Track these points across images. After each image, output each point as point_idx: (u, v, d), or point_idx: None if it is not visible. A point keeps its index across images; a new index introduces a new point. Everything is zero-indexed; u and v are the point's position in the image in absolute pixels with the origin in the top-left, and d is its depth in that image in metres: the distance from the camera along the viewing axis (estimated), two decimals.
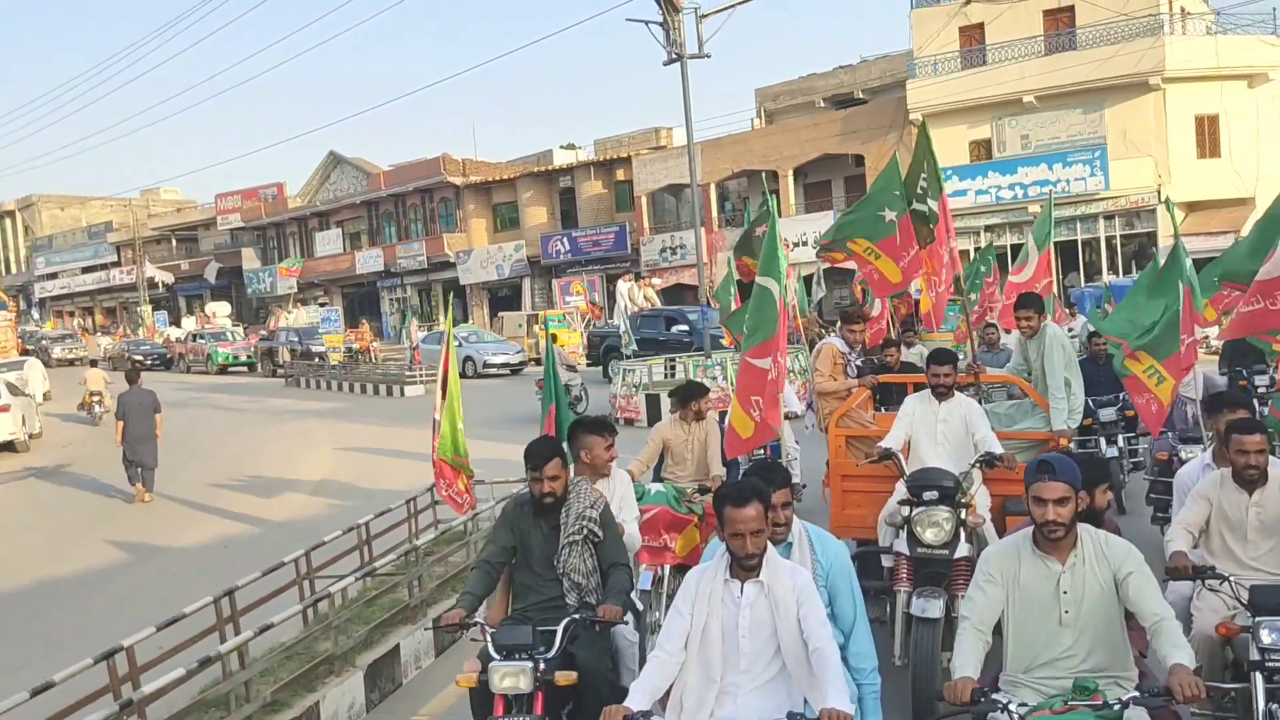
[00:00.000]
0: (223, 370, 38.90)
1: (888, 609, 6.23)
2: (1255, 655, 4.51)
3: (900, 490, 6.26)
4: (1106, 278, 29.15)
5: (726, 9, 20.01)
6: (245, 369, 38.96)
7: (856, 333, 8.76)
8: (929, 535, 5.87)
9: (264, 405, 27.65)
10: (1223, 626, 4.78)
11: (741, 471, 7.96)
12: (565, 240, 44.14)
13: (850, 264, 16.32)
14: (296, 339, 36.96)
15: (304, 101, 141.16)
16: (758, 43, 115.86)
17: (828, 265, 19.73)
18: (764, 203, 10.51)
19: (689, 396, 7.84)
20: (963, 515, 5.98)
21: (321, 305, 56.33)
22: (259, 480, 16.18)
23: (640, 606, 5.84)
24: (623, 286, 29.96)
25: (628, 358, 21.93)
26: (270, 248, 61.20)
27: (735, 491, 3.84)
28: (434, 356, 29.60)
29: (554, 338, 23.66)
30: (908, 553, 5.96)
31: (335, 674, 6.39)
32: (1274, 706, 4.39)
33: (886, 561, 6.26)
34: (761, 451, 9.34)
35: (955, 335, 13.54)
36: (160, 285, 64.03)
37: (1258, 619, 4.53)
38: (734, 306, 13.35)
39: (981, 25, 33.15)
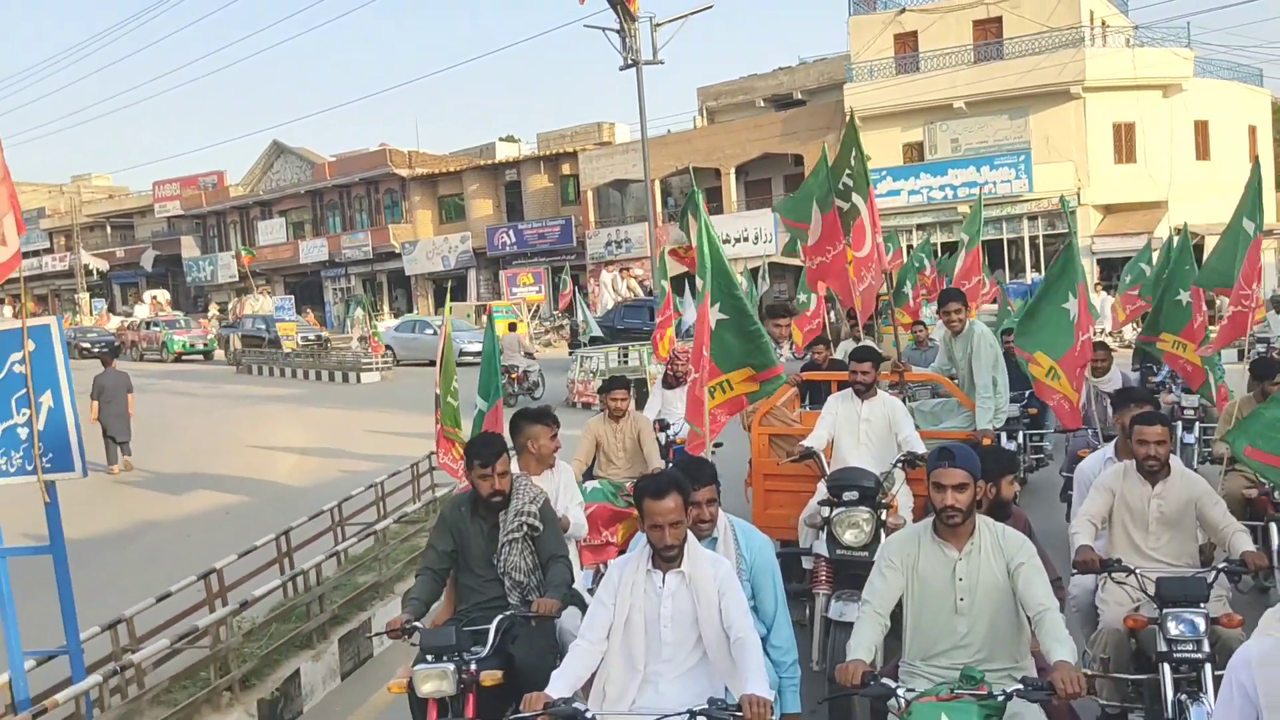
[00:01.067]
0: (177, 358, 38.64)
1: (807, 612, 6.09)
2: (1163, 647, 4.59)
3: (821, 490, 6.16)
4: (1030, 275, 30.94)
5: (679, 18, 21.21)
6: (201, 357, 38.89)
7: (782, 327, 8.45)
8: (848, 536, 5.76)
9: (222, 391, 28.22)
10: (1130, 619, 4.87)
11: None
12: (511, 232, 45.01)
13: (795, 261, 17.55)
14: (264, 326, 36.98)
15: (245, 91, 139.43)
16: (699, 43, 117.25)
17: (771, 260, 20.98)
18: (689, 198, 9.93)
19: (602, 391, 7.72)
20: (883, 516, 5.90)
21: (266, 292, 56.56)
22: (237, 459, 16.95)
23: (588, 601, 5.79)
24: (606, 277, 31.00)
25: (585, 345, 22.98)
26: (210, 236, 61.04)
27: (653, 483, 3.90)
28: (406, 344, 30.57)
29: (513, 326, 24.78)
30: (827, 554, 5.86)
31: (380, 598, 7.53)
32: (1183, 697, 4.48)
33: (807, 563, 6.19)
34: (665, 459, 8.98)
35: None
36: (95, 272, 63.51)
37: (1165, 611, 4.61)
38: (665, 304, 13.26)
39: (915, 33, 34.80)
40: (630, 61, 20.63)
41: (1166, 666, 4.52)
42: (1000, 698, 3.55)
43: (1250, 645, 3.13)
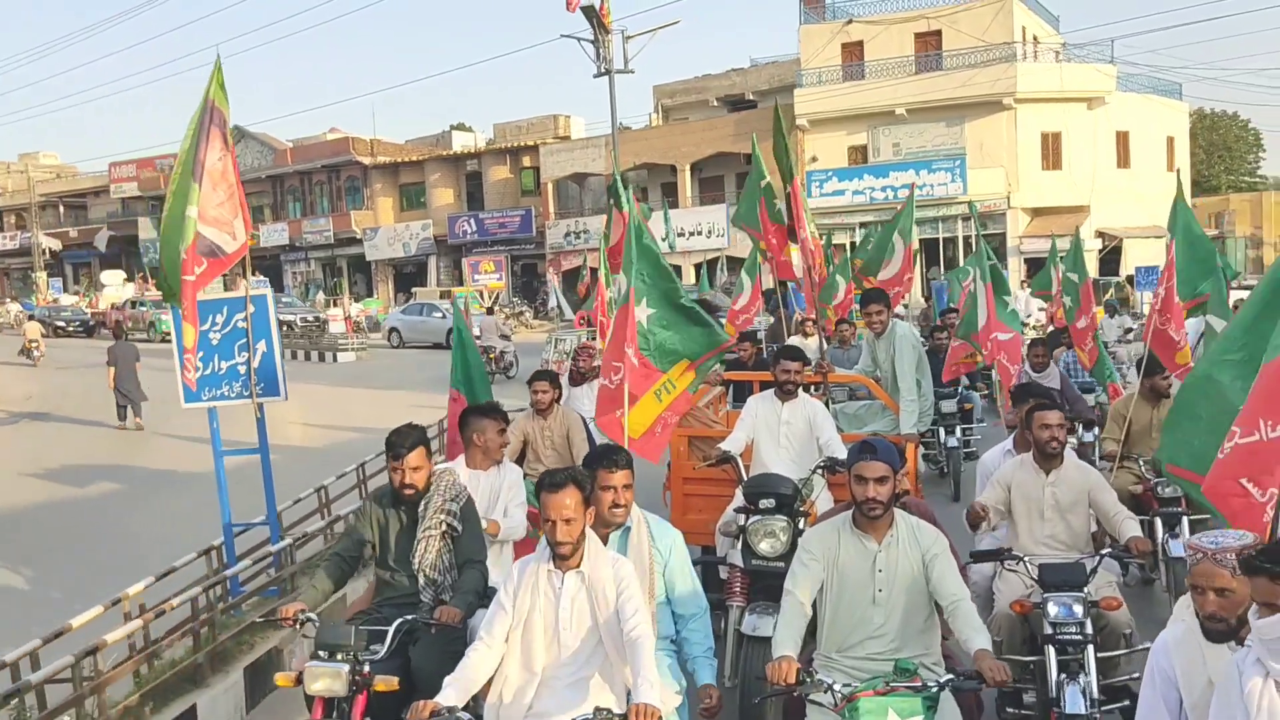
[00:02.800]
0: (165, 339, 38.63)
1: (723, 625, 5.69)
2: (1047, 630, 4.81)
3: (739, 498, 5.98)
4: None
5: (649, 31, 23.17)
6: None
7: None
8: (764, 546, 5.54)
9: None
10: (1018, 604, 5.05)
11: None
12: (472, 221, 46.64)
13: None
14: None
15: (197, 71, 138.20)
16: (655, 43, 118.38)
17: (727, 254, 22.95)
18: (611, 187, 8.83)
19: (529, 383, 7.58)
20: (801, 525, 5.63)
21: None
22: (249, 423, 18.60)
23: None
24: None
25: (559, 327, 24.82)
26: None
27: (550, 477, 3.84)
28: (414, 326, 32.14)
29: (491, 310, 26.52)
30: (742, 565, 5.65)
31: None
32: (1063, 677, 4.66)
33: (725, 573, 5.96)
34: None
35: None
36: (47, 252, 63.81)
37: (1046, 595, 4.84)
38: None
39: (861, 43, 37.12)
40: (604, 70, 22.51)
41: (1051, 648, 4.79)
42: (935, 688, 3.62)
43: (1166, 633, 3.35)
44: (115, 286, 54.15)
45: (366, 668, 4.15)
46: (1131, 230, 34.83)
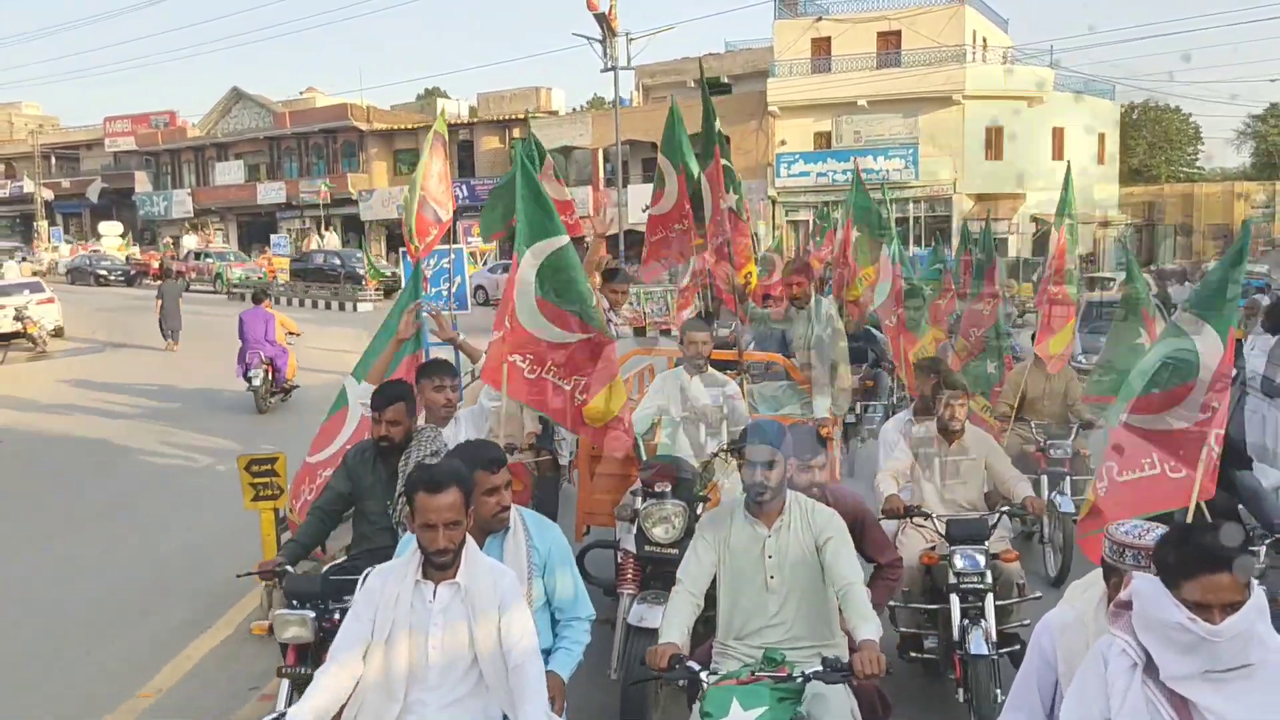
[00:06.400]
0: (230, 291, 38.48)
1: (615, 613, 5.54)
2: (952, 580, 5.05)
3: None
4: (911, 249, 37.36)
5: (650, 34, 26.83)
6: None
7: (619, 293, 8.03)
8: (658, 532, 5.32)
9: (232, 312, 32.73)
10: (926, 556, 5.31)
11: (554, 431, 7.14)
12: (463, 187, 49.85)
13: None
14: (339, 261, 38.53)
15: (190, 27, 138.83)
16: (636, 22, 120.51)
17: None
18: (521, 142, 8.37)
19: None
20: (699, 510, 5.39)
21: (218, 231, 60.29)
22: (309, 361, 22.01)
23: None
24: None
25: None
26: (163, 173, 64.05)
27: (428, 475, 3.39)
28: (501, 284, 34.08)
29: (505, 268, 29.80)
30: (634, 550, 5.42)
31: None
32: (967, 622, 4.94)
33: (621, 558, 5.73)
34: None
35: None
36: (40, 202, 65.94)
37: (953, 548, 5.09)
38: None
39: (829, 39, 40.89)
40: (610, 66, 26.14)
41: (955, 596, 5.06)
42: (799, 679, 3.54)
43: (1054, 614, 3.29)
44: (111, 237, 56.77)
45: (337, 615, 4.16)
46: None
